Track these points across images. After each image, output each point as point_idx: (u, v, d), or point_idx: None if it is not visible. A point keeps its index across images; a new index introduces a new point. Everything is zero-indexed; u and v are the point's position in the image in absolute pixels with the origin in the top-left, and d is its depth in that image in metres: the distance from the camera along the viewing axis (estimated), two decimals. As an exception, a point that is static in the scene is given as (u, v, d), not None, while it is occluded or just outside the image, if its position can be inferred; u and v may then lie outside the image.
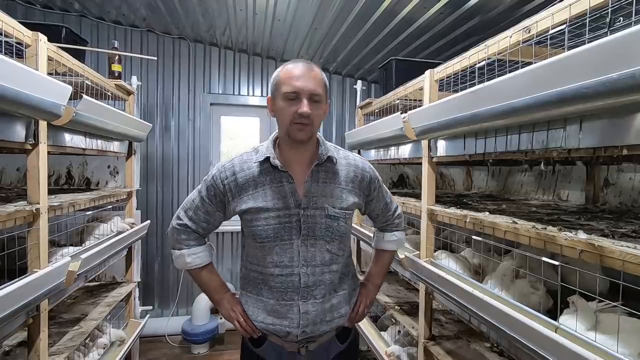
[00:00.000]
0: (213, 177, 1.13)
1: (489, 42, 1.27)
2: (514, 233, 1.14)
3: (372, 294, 1.30)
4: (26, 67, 1.15)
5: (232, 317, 1.17)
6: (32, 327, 1.36)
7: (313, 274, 1.10)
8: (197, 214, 1.16)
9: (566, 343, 0.87)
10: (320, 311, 1.11)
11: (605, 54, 0.74)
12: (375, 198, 1.24)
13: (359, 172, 1.17)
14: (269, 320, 1.12)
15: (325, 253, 1.11)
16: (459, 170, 2.91)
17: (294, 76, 1.03)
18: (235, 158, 1.15)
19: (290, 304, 1.10)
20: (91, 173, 2.57)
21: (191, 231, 1.17)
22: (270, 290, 1.11)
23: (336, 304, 1.15)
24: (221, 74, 3.48)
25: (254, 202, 1.09)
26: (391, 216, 1.33)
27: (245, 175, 1.10)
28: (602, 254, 0.85)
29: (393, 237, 1.35)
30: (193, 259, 1.17)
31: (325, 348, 1.18)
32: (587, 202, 1.77)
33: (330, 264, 1.12)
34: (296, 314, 1.09)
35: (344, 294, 1.17)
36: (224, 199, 1.13)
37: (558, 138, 1.00)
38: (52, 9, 3.00)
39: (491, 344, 1.60)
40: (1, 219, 1.16)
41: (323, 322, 1.12)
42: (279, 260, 1.09)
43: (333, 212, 1.10)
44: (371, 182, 1.20)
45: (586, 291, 0.96)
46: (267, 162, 1.09)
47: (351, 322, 1.22)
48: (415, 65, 2.25)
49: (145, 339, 3.14)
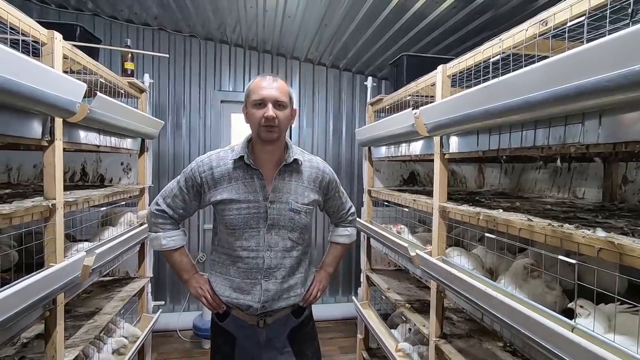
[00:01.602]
0: (192, 170, 1.30)
1: (504, 36, 1.24)
2: (529, 231, 1.12)
3: (325, 280, 1.49)
4: (43, 65, 1.17)
5: (200, 293, 1.34)
6: (49, 319, 1.39)
7: (275, 257, 1.28)
8: (175, 202, 1.33)
9: (583, 343, 0.85)
10: (279, 289, 1.30)
11: (627, 46, 0.72)
12: (332, 197, 1.45)
13: (319, 173, 1.37)
14: (234, 296, 1.30)
15: (287, 241, 1.30)
16: (471, 167, 2.87)
17: (261, 87, 1.23)
18: (213, 154, 1.32)
19: (254, 282, 1.28)
20: (105, 170, 2.61)
21: (168, 217, 1.34)
22: (237, 270, 1.29)
23: (293, 285, 1.33)
24: (232, 72, 3.50)
25: (228, 194, 1.26)
26: (345, 214, 1.54)
27: (221, 170, 1.28)
28: (622, 252, 0.82)
29: (345, 232, 1.55)
30: (168, 241, 1.33)
31: (283, 323, 1.36)
32: (604, 200, 1.73)
33: (291, 250, 1.31)
34: (258, 290, 1.28)
35: (301, 277, 1.36)
36: (200, 189, 1.30)
37: (576, 133, 0.97)
38: (66, 8, 3.06)
39: (504, 343, 1.58)
40: (19, 214, 1.19)
41: (281, 299, 1.31)
42: (247, 244, 1.27)
43: (296, 206, 1.29)
44: (330, 183, 1.40)
45: (603, 290, 0.94)
46: (241, 160, 1.27)
47: (305, 302, 1.40)
48: (426, 61, 2.22)
49: (157, 333, 3.18)
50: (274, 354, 1.36)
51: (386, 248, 2.29)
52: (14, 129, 1.19)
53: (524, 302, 1.11)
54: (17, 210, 1.17)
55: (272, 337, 1.35)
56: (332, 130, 3.74)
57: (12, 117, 1.18)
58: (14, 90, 1.01)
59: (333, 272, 1.54)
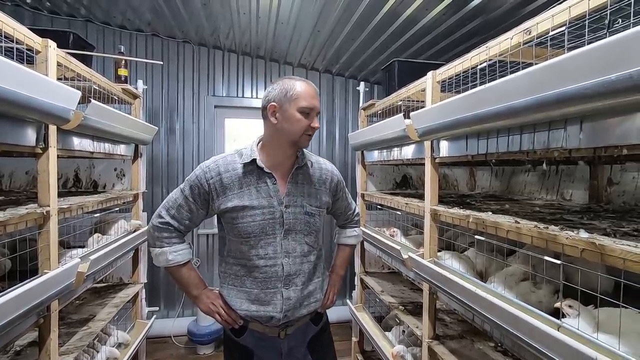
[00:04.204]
0: (197, 177, 1.22)
1: (490, 43, 1.28)
2: (516, 233, 1.15)
3: (338, 284, 1.47)
4: (38, 74, 1.18)
5: (212, 310, 1.26)
6: (43, 327, 1.39)
7: (294, 263, 1.23)
8: (180, 213, 1.24)
9: (569, 341, 0.88)
10: (300, 296, 1.25)
11: (604, 56, 0.75)
12: (340, 198, 1.43)
13: (329, 175, 1.35)
14: (253, 308, 1.22)
15: (304, 245, 1.26)
16: (463, 170, 2.92)
17: (312, 95, 1.19)
18: (219, 159, 1.24)
19: (274, 292, 1.21)
20: (98, 176, 2.60)
21: (173, 229, 1.25)
22: (254, 280, 1.22)
23: (312, 290, 1.29)
24: (225, 77, 3.52)
25: (239, 200, 1.19)
26: (351, 215, 1.52)
27: (230, 175, 1.20)
28: (603, 253, 0.86)
29: (353, 233, 1.54)
30: (175, 256, 1.24)
31: (303, 331, 1.31)
32: (591, 202, 1.77)
33: (308, 255, 1.27)
34: (279, 300, 1.21)
35: (319, 282, 1.32)
36: (208, 197, 1.22)
37: (559, 138, 1.01)
38: (58, 15, 3.05)
39: (495, 343, 1.61)
40: (13, 222, 1.19)
41: (302, 307, 1.26)
42: (263, 252, 1.20)
43: (310, 210, 1.26)
44: (338, 184, 1.38)
45: (592, 290, 0.97)
46: (253, 164, 1.21)
47: (323, 307, 1.37)
48: (417, 67, 2.26)
49: (152, 339, 3.17)
50: None
51: (380, 251, 2.31)
52: (8, 137, 1.20)
53: (513, 302, 1.14)
54: (11, 217, 1.18)
55: (293, 346, 1.29)
56: (325, 134, 3.77)
57: (6, 124, 1.19)
58: (9, 98, 1.02)
59: (344, 275, 1.54)
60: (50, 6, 2.94)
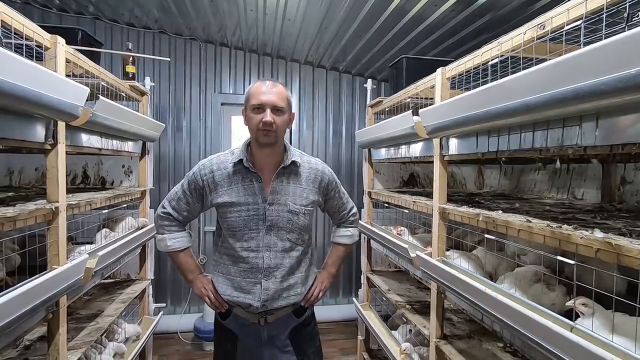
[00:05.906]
0: (194, 174, 1.35)
1: (502, 39, 1.25)
2: (528, 232, 1.13)
3: (326, 281, 1.51)
4: (47, 70, 1.19)
5: (203, 293, 1.39)
6: (52, 322, 1.40)
7: (275, 257, 1.32)
8: (179, 205, 1.39)
9: (583, 343, 0.86)
10: (279, 289, 1.32)
11: (623, 50, 0.73)
12: (332, 197, 1.47)
13: (318, 174, 1.40)
14: (235, 294, 1.33)
15: (286, 241, 1.33)
16: (471, 169, 2.88)
17: (260, 92, 1.26)
18: (214, 158, 1.37)
19: (254, 282, 1.32)
20: (106, 172, 2.62)
21: (173, 219, 1.39)
22: (238, 270, 1.33)
23: (293, 284, 1.36)
24: (232, 74, 3.51)
25: (228, 196, 1.31)
26: (346, 214, 1.56)
27: (221, 173, 1.32)
28: (620, 253, 0.83)
29: (347, 233, 1.57)
30: (173, 242, 1.39)
31: (284, 321, 1.39)
32: (603, 201, 1.74)
33: (290, 251, 1.34)
34: (258, 290, 1.31)
35: (301, 277, 1.38)
36: (202, 192, 1.35)
37: (574, 135, 0.98)
38: (67, 12, 3.07)
39: (504, 344, 1.59)
40: (22, 217, 1.20)
41: (280, 298, 1.34)
42: (247, 245, 1.31)
43: (294, 208, 1.33)
44: (329, 184, 1.43)
45: (604, 291, 0.95)
46: (241, 163, 1.31)
47: (306, 301, 1.43)
48: (425, 64, 2.24)
49: (158, 335, 3.18)
50: (275, 352, 1.39)
51: (386, 249, 2.30)
52: (18, 133, 1.21)
53: (524, 303, 1.12)
54: (21, 213, 1.18)
55: (273, 335, 1.38)
56: (332, 132, 3.75)
57: (16, 120, 1.19)
58: (19, 94, 1.02)
59: (335, 273, 1.56)
60: (59, 4, 2.96)
